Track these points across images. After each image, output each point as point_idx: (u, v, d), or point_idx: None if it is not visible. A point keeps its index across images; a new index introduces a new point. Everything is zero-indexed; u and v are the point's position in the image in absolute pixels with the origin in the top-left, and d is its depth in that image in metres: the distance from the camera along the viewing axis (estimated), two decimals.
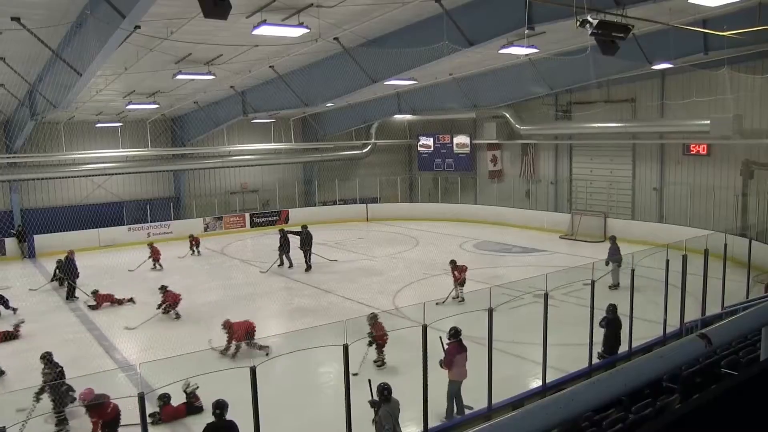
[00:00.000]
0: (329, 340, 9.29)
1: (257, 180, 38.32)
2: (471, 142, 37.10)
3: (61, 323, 17.65)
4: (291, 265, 23.48)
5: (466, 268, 18.31)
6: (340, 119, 36.51)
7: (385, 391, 8.76)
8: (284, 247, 23.55)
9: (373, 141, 38.15)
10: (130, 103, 26.38)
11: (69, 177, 32.02)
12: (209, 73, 20.66)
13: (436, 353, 10.18)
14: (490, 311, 10.08)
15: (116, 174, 33.13)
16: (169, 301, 17.62)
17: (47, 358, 11.77)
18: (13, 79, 19.75)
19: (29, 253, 29.26)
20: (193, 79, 22.09)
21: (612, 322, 12.27)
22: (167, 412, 11.16)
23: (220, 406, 8.31)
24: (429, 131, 39.08)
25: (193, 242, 27.75)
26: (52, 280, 22.33)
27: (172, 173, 35.94)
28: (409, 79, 24.83)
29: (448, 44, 16.23)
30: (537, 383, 11.34)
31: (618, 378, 4.62)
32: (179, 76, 20.71)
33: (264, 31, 14.84)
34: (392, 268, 23.05)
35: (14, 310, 18.48)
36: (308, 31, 15.38)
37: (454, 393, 10.47)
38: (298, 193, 38.74)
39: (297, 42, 17.44)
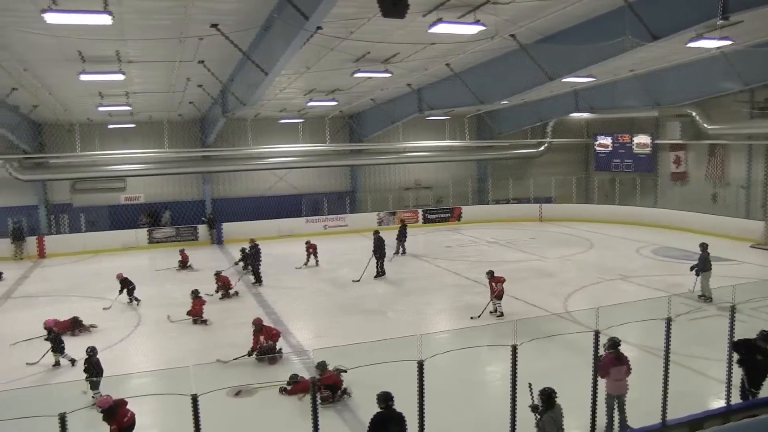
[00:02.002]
0: (497, 339, 9.20)
1: (431, 176, 38.75)
2: (652, 142, 35.12)
3: (242, 306, 18.78)
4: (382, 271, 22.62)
5: (504, 279, 17.10)
6: (515, 117, 36.02)
7: (550, 395, 8.53)
8: (378, 251, 22.77)
9: (548, 140, 37.19)
10: (310, 100, 27.60)
11: (254, 170, 34.14)
12: (386, 71, 21.10)
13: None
14: (668, 321, 9.50)
15: (296, 168, 34.85)
16: (197, 311, 17.29)
17: (90, 354, 12.23)
18: (209, 80, 21.33)
19: (217, 239, 31.55)
20: (370, 77, 22.66)
21: (750, 349, 10.26)
22: (296, 388, 11.77)
23: (387, 398, 8.43)
24: (607, 130, 37.52)
25: (311, 249, 25.02)
26: (235, 264, 23.86)
27: (349, 168, 37.24)
28: (587, 76, 23.98)
29: (629, 39, 15.42)
30: (719, 403, 10.49)
31: None
32: (357, 74, 21.33)
33: (440, 29, 14.91)
34: (564, 270, 22.39)
35: (137, 300, 19.55)
36: (484, 28, 15.26)
37: (610, 406, 9.98)
38: (471, 191, 38.74)
39: (473, 39, 17.41)
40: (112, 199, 33.09)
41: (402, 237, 26.81)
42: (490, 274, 17.09)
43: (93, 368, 11.95)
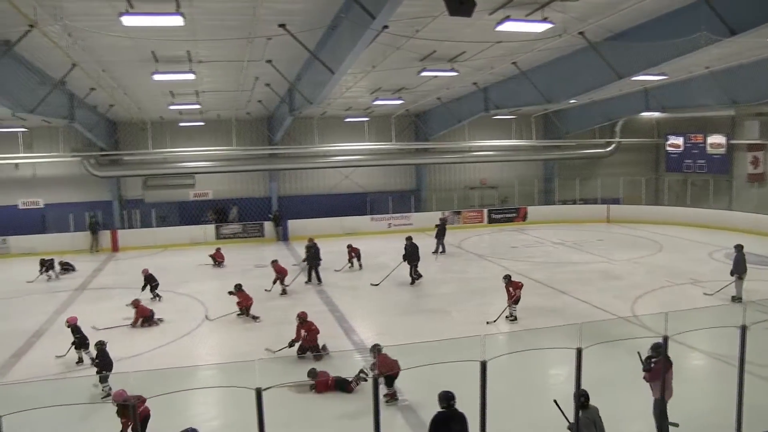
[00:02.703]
0: (561, 342, 9.03)
1: (496, 176, 38.50)
2: (728, 142, 33.97)
3: (306, 303, 18.87)
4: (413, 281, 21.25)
5: (522, 285, 16.74)
6: (582, 116, 35.38)
7: (582, 397, 8.36)
8: (411, 257, 21.40)
9: (617, 139, 36.33)
10: (376, 99, 27.74)
11: (320, 168, 34.55)
12: (452, 69, 21.02)
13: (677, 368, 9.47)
14: (743, 329, 9.15)
15: (362, 166, 35.07)
16: (243, 305, 17.42)
17: (100, 348, 12.42)
18: (276, 79, 21.65)
19: (283, 236, 31.99)
20: (436, 76, 22.62)
21: None
22: (320, 385, 12.04)
23: (448, 398, 8.37)
24: (679, 130, 36.51)
25: (353, 253, 24.26)
26: (303, 261, 24.06)
27: (414, 167, 37.26)
28: (658, 74, 23.31)
29: (705, 35, 14.93)
30: None
31: None
32: (423, 73, 21.33)
33: (507, 27, 14.78)
34: (632, 273, 21.85)
35: (159, 297, 19.87)
36: (552, 26, 15.06)
37: (659, 412, 9.65)
38: (537, 191, 38.29)
39: (540, 38, 17.17)
40: (182, 195, 33.97)
41: (441, 235, 26.85)
42: (507, 278, 16.80)
43: (104, 362, 12.33)
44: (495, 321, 16.35)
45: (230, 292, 17.72)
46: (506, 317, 16.48)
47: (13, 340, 15.91)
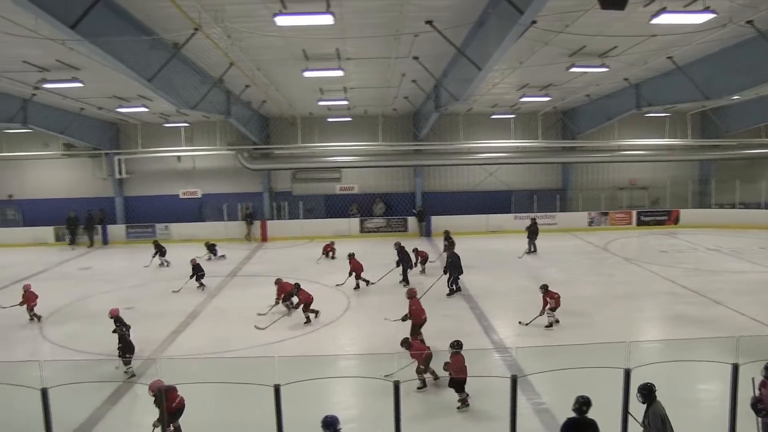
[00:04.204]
0: (714, 355, 8.52)
1: (647, 176, 36.88)
2: None
3: (445, 299, 19.00)
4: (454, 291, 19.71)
5: (558, 295, 15.78)
6: (746, 113, 32.95)
7: (653, 391, 8.10)
8: (452, 267, 19.77)
9: None
10: (523, 95, 27.33)
11: (465, 164, 34.54)
12: (603, 65, 20.31)
13: None
14: None
15: (507, 164, 34.65)
16: (303, 300, 16.83)
17: (120, 334, 13.08)
18: (422, 76, 21.84)
19: (426, 231, 32.25)
20: (586, 72, 21.96)
21: None
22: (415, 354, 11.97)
23: (582, 403, 8.13)
24: None
25: (419, 257, 22.87)
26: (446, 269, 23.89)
27: (560, 165, 36.41)
28: None
29: None
30: None
31: None
32: (573, 69, 20.75)
33: (664, 19, 14.08)
34: None
35: (204, 286, 20.85)
36: (715, 16, 14.16)
37: None
38: (691, 193, 36.31)
39: (700, 29, 16.21)
40: (329, 188, 35.08)
41: (532, 235, 26.34)
42: (545, 288, 16.07)
43: (126, 346, 12.98)
44: (528, 324, 15.99)
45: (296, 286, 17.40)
46: (548, 324, 15.90)
47: (172, 319, 17.16)
